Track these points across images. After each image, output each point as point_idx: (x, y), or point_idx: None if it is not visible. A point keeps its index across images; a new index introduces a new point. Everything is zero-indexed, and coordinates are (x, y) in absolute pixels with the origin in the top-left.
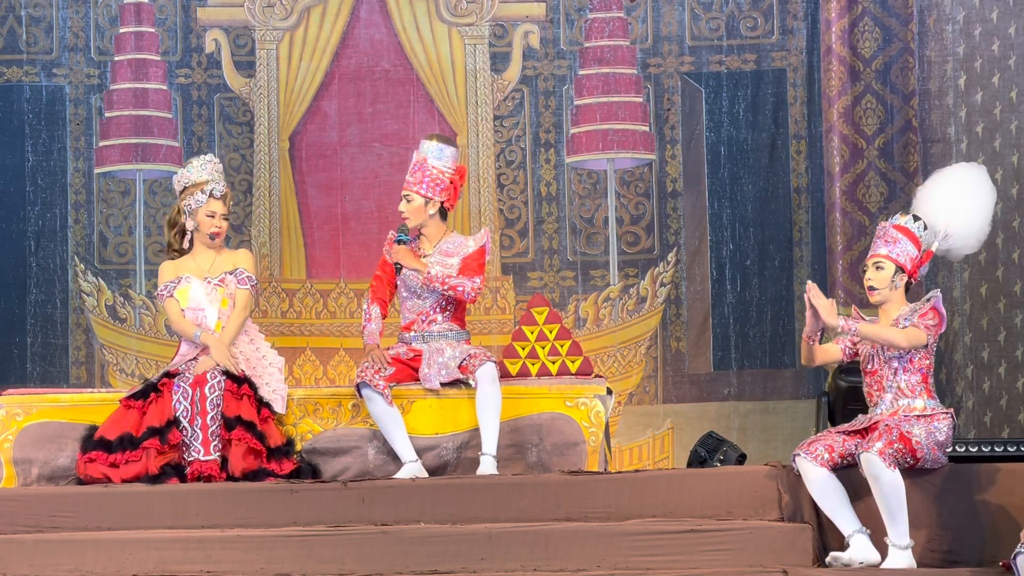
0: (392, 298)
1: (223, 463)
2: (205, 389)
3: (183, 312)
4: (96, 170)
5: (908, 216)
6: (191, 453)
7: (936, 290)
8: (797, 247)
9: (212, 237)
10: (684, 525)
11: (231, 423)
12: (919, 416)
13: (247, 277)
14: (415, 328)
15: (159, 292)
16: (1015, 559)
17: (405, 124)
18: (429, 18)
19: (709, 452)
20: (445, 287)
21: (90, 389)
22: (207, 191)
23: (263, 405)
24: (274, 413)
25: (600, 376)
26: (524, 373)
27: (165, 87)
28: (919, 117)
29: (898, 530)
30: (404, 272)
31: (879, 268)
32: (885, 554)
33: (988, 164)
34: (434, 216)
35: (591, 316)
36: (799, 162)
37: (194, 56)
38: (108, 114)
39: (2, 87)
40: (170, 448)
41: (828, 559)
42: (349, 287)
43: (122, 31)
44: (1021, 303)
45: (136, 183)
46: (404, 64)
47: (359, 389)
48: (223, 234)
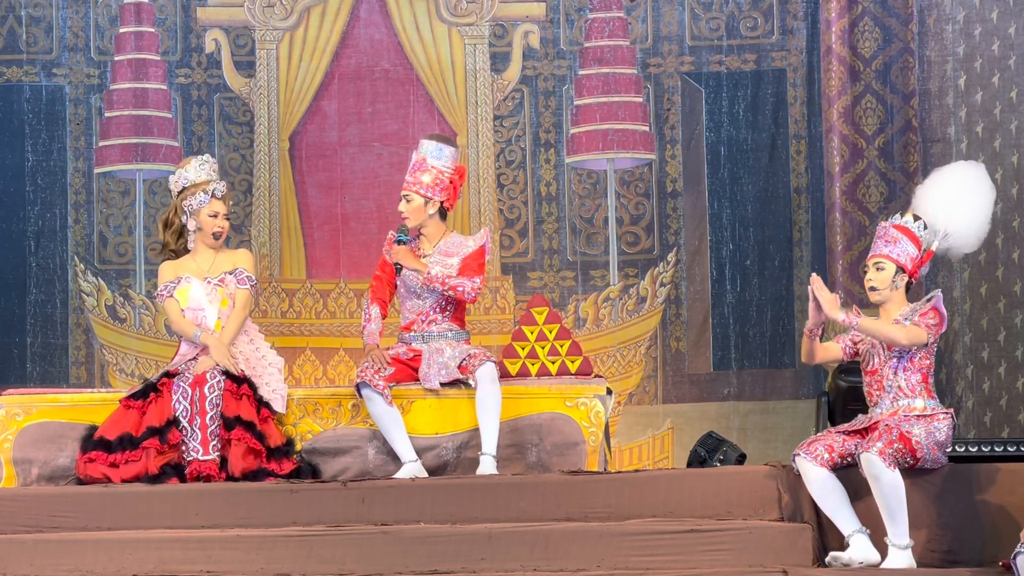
0: (392, 298)
1: (223, 463)
2: (205, 389)
3: (183, 312)
4: (96, 170)
5: (908, 216)
6: (190, 453)
7: (937, 290)
8: (797, 247)
9: (216, 237)
10: (684, 525)
11: (231, 423)
12: (919, 416)
13: (247, 277)
14: (415, 328)
15: (159, 292)
16: (1015, 559)
17: (405, 124)
18: (429, 18)
19: (709, 452)
20: (445, 287)
21: (90, 389)
22: (209, 191)
23: (263, 405)
24: (274, 413)
25: (600, 376)
26: (524, 373)
27: (165, 87)
28: (919, 117)
29: (898, 530)
30: (404, 272)
31: (880, 268)
32: (885, 554)
33: (988, 164)
34: (434, 216)
35: (591, 316)
36: (799, 162)
37: (194, 56)
38: (108, 114)
39: (2, 87)
40: (170, 448)
41: (828, 559)
42: (349, 287)
43: (122, 31)
44: (1021, 303)
45: (136, 183)
46: (404, 64)
47: (359, 389)
48: (225, 233)
